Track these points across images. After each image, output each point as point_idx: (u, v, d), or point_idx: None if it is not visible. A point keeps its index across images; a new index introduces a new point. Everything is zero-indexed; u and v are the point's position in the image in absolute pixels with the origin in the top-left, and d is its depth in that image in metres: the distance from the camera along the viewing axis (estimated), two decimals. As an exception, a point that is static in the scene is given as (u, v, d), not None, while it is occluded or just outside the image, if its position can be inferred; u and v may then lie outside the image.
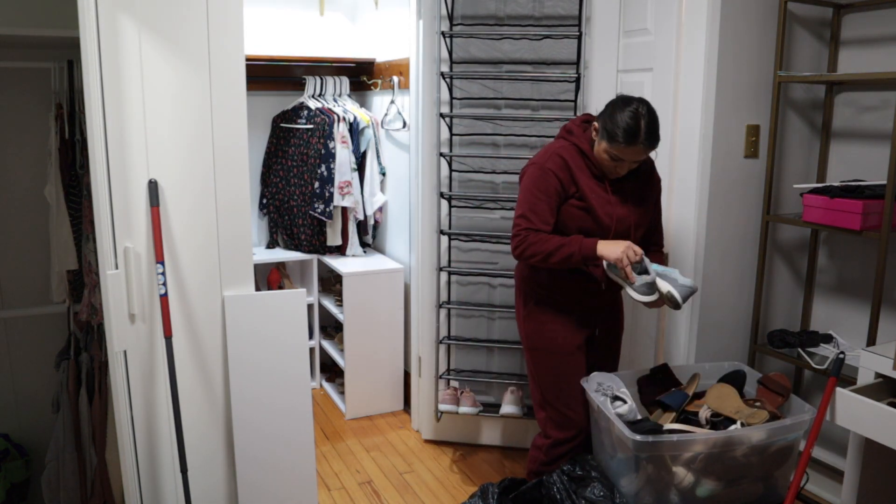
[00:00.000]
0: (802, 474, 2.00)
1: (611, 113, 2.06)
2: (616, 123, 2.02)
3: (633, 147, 2.03)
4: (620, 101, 2.07)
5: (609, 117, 2.05)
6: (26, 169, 2.63)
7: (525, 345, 2.34)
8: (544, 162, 2.15)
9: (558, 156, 2.16)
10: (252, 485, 2.20)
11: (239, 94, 2.06)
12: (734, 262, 2.64)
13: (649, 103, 2.07)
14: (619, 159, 2.07)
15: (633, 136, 2.01)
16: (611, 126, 2.04)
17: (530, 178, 2.17)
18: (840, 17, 2.59)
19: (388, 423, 3.49)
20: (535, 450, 2.37)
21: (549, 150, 2.20)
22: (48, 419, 2.63)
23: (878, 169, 2.51)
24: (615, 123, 2.03)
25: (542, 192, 2.13)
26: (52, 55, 2.41)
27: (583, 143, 2.17)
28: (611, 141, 2.04)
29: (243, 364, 2.15)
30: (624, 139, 2.01)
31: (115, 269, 1.87)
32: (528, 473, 2.40)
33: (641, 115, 2.02)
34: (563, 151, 2.17)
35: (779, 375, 2.21)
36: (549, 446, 2.31)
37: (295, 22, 3.84)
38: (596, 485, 2.09)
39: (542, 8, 2.85)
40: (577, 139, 2.18)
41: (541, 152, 2.22)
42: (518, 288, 2.36)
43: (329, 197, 3.58)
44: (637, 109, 2.02)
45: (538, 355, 2.29)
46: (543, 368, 2.29)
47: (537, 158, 2.19)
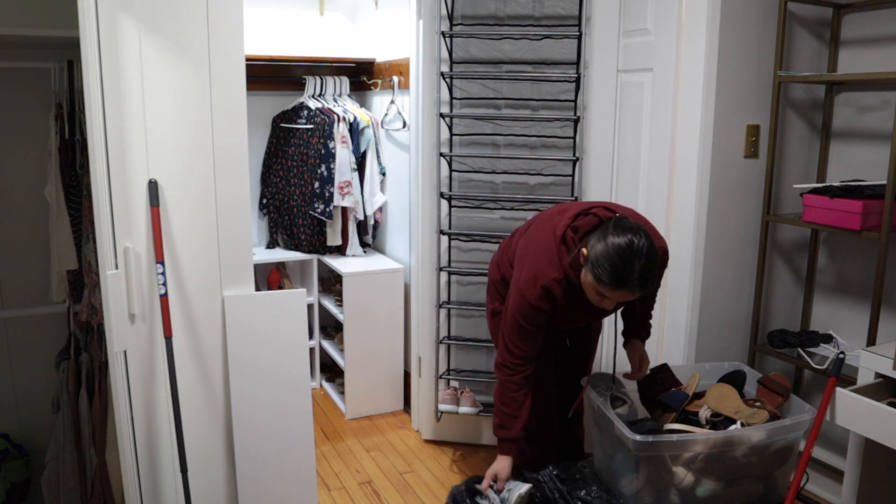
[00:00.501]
0: (802, 474, 2.00)
1: (602, 241, 1.84)
2: (605, 259, 1.81)
3: (622, 290, 1.83)
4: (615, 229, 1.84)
5: (602, 254, 1.82)
6: (26, 169, 2.63)
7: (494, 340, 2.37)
8: (531, 295, 1.99)
9: (547, 291, 1.98)
10: (252, 485, 2.20)
11: (239, 94, 2.06)
12: (734, 262, 2.64)
13: (649, 236, 1.84)
14: (605, 297, 1.89)
15: (623, 281, 1.81)
16: (599, 261, 1.82)
17: (520, 309, 2.02)
18: (840, 17, 2.59)
19: (388, 423, 3.49)
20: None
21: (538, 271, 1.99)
22: (48, 419, 2.63)
23: (878, 169, 2.51)
24: (604, 259, 1.81)
25: (530, 324, 2.04)
26: (52, 55, 2.41)
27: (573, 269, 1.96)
28: (597, 280, 1.84)
29: (243, 364, 2.15)
30: (610, 281, 1.81)
31: (115, 269, 1.87)
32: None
33: (636, 253, 1.79)
34: (556, 287, 1.98)
35: (779, 375, 2.21)
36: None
37: (295, 22, 3.84)
38: (591, 486, 2.09)
39: (542, 8, 2.85)
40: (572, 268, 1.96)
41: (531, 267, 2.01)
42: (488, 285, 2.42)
43: (329, 197, 3.58)
44: (631, 246, 1.79)
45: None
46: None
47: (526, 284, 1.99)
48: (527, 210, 2.98)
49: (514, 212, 3.00)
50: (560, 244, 1.98)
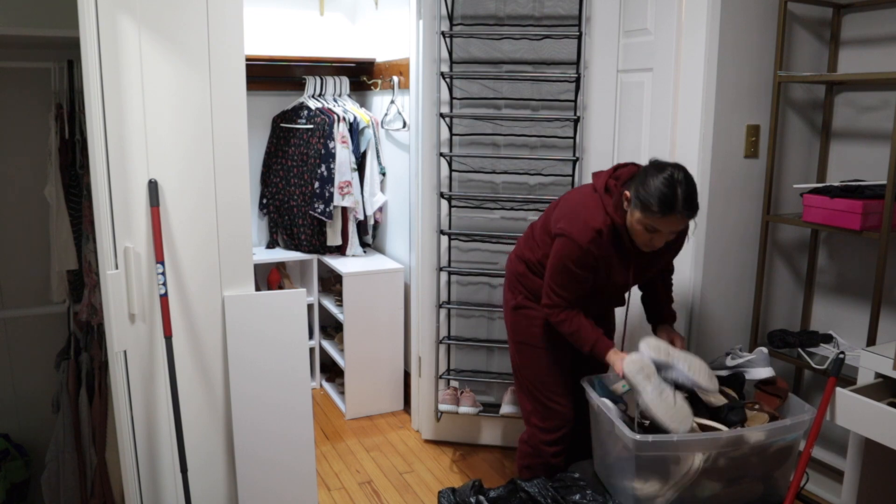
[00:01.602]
0: (802, 474, 2.00)
1: (643, 180, 1.95)
2: (650, 192, 1.91)
3: (670, 217, 1.92)
4: (653, 167, 1.97)
5: (642, 185, 1.94)
6: (26, 169, 2.63)
7: (511, 337, 2.36)
8: (582, 238, 2.03)
9: (596, 232, 2.03)
10: (252, 485, 2.20)
11: (239, 94, 2.06)
12: (734, 262, 2.64)
13: (685, 168, 1.97)
14: (655, 230, 1.96)
15: (670, 205, 1.90)
16: (644, 195, 1.92)
17: (567, 253, 2.06)
18: (840, 17, 2.59)
19: (388, 423, 3.49)
20: (522, 444, 2.40)
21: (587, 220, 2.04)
22: (48, 419, 2.63)
23: (878, 169, 2.51)
24: (649, 192, 1.91)
25: (578, 268, 2.07)
26: (52, 55, 2.41)
27: (619, 217, 2.03)
28: (645, 211, 1.93)
29: (243, 364, 2.15)
30: (659, 209, 1.90)
31: (115, 269, 1.87)
32: (518, 471, 2.41)
33: (678, 181, 1.90)
34: (604, 227, 2.04)
35: (775, 378, 2.21)
36: (531, 436, 2.34)
37: (295, 22, 3.84)
38: (586, 491, 2.08)
39: (542, 8, 2.85)
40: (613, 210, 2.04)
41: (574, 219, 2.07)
42: (508, 281, 2.38)
43: (329, 197, 3.58)
44: (672, 175, 1.91)
45: (524, 348, 2.31)
46: (528, 361, 2.31)
47: (577, 233, 2.04)
48: (527, 210, 2.98)
49: (514, 212, 3.00)
50: (604, 193, 2.07)
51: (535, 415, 2.34)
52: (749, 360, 2.23)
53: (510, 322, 2.37)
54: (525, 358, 2.33)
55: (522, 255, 2.33)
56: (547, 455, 2.32)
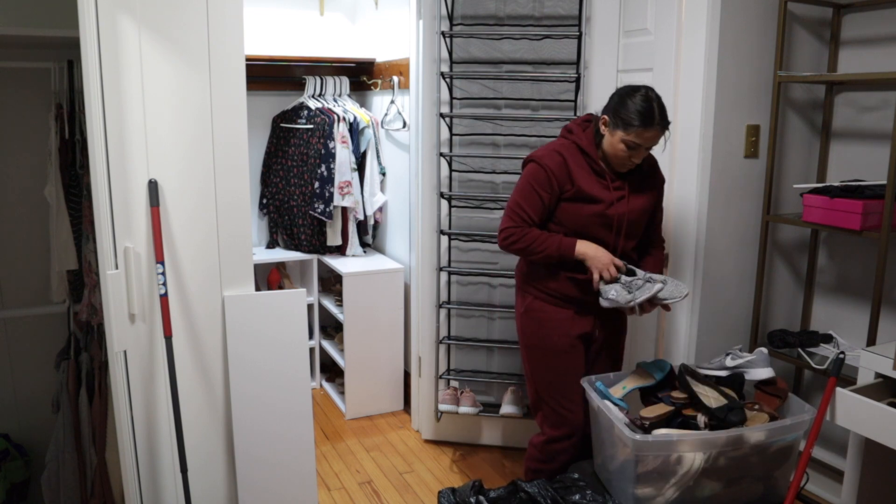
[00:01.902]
0: (802, 474, 2.00)
1: (620, 101, 2.09)
2: (629, 109, 2.05)
3: (651, 129, 2.05)
4: (627, 89, 2.10)
5: (619, 105, 2.08)
6: (26, 169, 2.63)
7: (521, 342, 2.36)
8: (541, 158, 2.18)
9: (557, 153, 2.18)
10: (252, 485, 2.20)
11: (239, 94, 2.06)
12: (734, 262, 2.64)
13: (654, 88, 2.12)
14: (636, 146, 2.08)
15: (650, 118, 2.04)
16: (624, 113, 2.06)
17: (528, 172, 2.21)
18: (840, 17, 2.59)
19: (388, 423, 3.49)
20: (532, 448, 2.39)
21: (549, 147, 2.23)
22: (48, 419, 2.63)
23: (878, 169, 2.51)
24: (628, 110, 2.05)
25: (537, 188, 2.17)
26: (52, 55, 2.41)
27: (583, 140, 2.18)
28: (626, 128, 2.06)
29: (243, 364, 2.15)
30: (641, 122, 2.04)
31: (115, 269, 1.87)
32: (525, 472, 2.41)
33: (652, 98, 2.06)
34: (562, 149, 2.19)
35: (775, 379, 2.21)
36: (544, 443, 2.33)
37: (295, 22, 3.84)
38: (586, 491, 2.08)
39: (542, 8, 2.85)
40: (577, 137, 2.19)
41: (540, 149, 2.24)
42: (518, 284, 2.38)
43: (329, 197, 3.58)
44: (647, 93, 2.07)
45: (534, 353, 2.30)
46: (539, 366, 2.30)
47: (536, 154, 2.22)
48: (527, 210, 2.98)
49: (514, 212, 3.00)
50: (567, 133, 2.23)
51: (547, 422, 2.32)
52: (749, 360, 2.23)
53: (520, 326, 2.35)
54: (537, 364, 2.30)
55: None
56: (558, 461, 2.32)
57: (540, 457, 2.34)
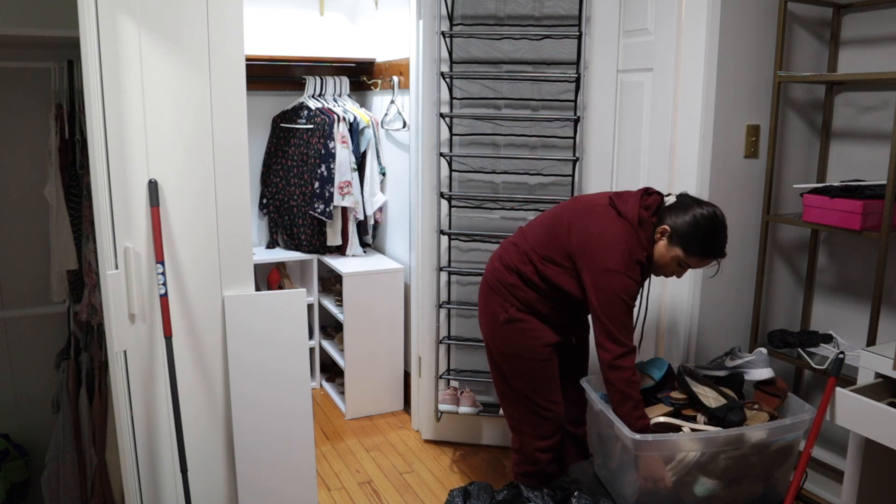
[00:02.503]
0: (802, 474, 2.00)
1: (695, 226, 2.03)
2: (698, 237, 2.02)
3: (709, 259, 2.07)
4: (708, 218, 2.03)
5: (693, 230, 2.02)
6: (26, 169, 2.63)
7: (500, 350, 2.28)
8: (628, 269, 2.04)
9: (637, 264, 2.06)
10: (252, 485, 2.20)
11: (239, 94, 2.06)
12: (734, 262, 2.64)
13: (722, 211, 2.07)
14: (687, 266, 2.08)
15: (713, 251, 2.05)
16: (690, 238, 2.03)
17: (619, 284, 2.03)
18: (840, 17, 2.59)
19: (388, 423, 3.49)
20: (515, 453, 2.39)
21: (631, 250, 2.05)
22: (48, 419, 2.64)
23: (878, 169, 2.51)
24: (697, 236, 2.02)
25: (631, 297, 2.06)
26: (52, 55, 2.41)
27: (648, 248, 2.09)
28: (687, 251, 2.04)
29: (243, 364, 2.15)
30: (703, 253, 2.04)
31: (115, 269, 1.87)
32: (514, 476, 2.41)
33: (720, 227, 2.04)
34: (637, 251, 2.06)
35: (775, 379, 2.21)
36: (525, 446, 2.34)
37: (295, 22, 3.84)
38: (582, 496, 2.08)
39: (542, 8, 2.85)
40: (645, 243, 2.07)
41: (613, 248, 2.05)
42: (496, 291, 2.27)
43: (329, 197, 3.58)
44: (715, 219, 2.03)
45: (518, 361, 2.26)
46: (523, 373, 2.27)
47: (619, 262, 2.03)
48: (527, 210, 2.98)
49: (514, 212, 3.00)
50: (638, 226, 2.09)
51: (526, 423, 2.32)
52: (748, 360, 2.23)
53: (501, 336, 2.26)
54: (518, 370, 2.27)
55: (513, 266, 2.23)
56: (542, 463, 2.32)
57: (523, 459, 2.35)
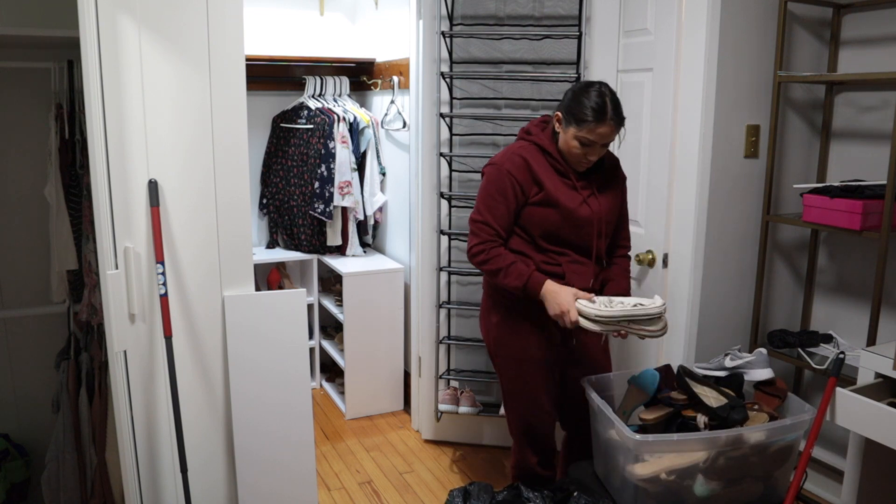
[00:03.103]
0: (802, 474, 2.00)
1: (573, 98, 2.06)
2: (582, 105, 2.02)
3: (604, 125, 2.02)
4: (581, 86, 2.08)
5: (573, 102, 2.05)
6: (26, 169, 2.63)
7: (492, 350, 2.30)
8: (503, 162, 2.13)
9: (518, 156, 2.12)
10: (252, 485, 2.20)
11: (239, 94, 2.06)
12: (734, 262, 2.64)
13: (608, 84, 2.09)
14: (590, 143, 2.05)
15: (602, 113, 2.01)
16: (577, 109, 2.03)
17: (489, 178, 2.14)
18: (840, 17, 2.59)
19: (388, 423, 3.49)
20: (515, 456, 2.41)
21: (509, 150, 2.17)
22: (48, 419, 2.63)
23: (878, 169, 2.51)
24: (581, 105, 2.02)
25: (501, 193, 2.10)
26: (52, 55, 2.41)
27: (543, 140, 2.14)
28: (579, 124, 2.03)
29: (243, 364, 2.15)
30: (594, 117, 2.01)
31: (115, 269, 1.87)
32: (513, 479, 2.41)
33: (605, 93, 2.04)
34: (522, 151, 2.14)
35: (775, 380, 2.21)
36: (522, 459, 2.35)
37: (295, 22, 3.84)
38: (582, 496, 2.08)
39: (542, 8, 2.85)
40: (537, 138, 2.16)
41: (500, 153, 2.19)
42: (487, 293, 2.30)
43: (329, 197, 3.58)
44: (601, 89, 2.04)
45: (505, 362, 2.26)
46: (509, 375, 2.27)
47: (496, 158, 2.16)
48: (527, 210, 2.98)
49: (514, 212, 3.00)
50: (526, 134, 2.19)
51: (519, 430, 2.33)
52: (748, 361, 2.23)
53: (491, 337, 2.28)
54: (506, 373, 2.27)
55: None
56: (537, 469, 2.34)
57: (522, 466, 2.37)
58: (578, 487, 2.14)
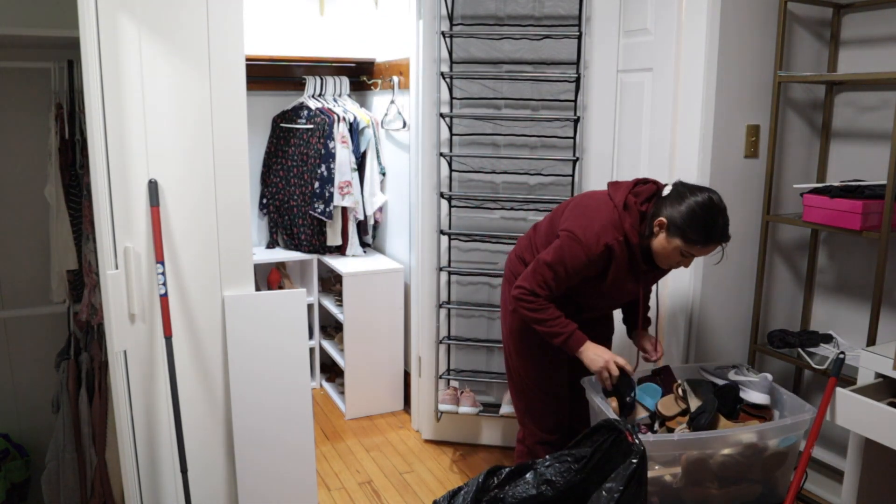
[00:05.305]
0: (802, 474, 2.00)
1: (689, 213, 1.96)
2: (694, 225, 1.95)
3: (713, 245, 2.00)
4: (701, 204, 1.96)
5: (688, 217, 1.95)
6: (26, 169, 2.63)
7: (510, 338, 2.33)
8: (588, 245, 2.02)
9: (608, 248, 2.02)
10: (252, 484, 2.20)
11: (239, 94, 2.06)
12: (734, 262, 2.64)
13: (719, 195, 2.01)
14: (690, 255, 2.01)
15: (714, 238, 1.97)
16: (687, 227, 1.95)
17: (568, 248, 2.04)
18: (840, 17, 2.59)
19: (388, 423, 3.49)
20: (519, 444, 2.41)
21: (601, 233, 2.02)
22: (48, 419, 2.63)
23: (878, 169, 2.51)
24: (693, 225, 1.95)
25: (571, 271, 2.05)
26: (52, 55, 2.41)
27: (634, 235, 2.04)
28: (686, 240, 1.96)
29: (243, 364, 2.15)
30: (702, 240, 1.96)
31: (115, 269, 1.87)
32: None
33: (718, 213, 1.97)
34: (615, 244, 2.02)
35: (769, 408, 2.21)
36: (527, 437, 2.35)
37: (295, 22, 3.84)
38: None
39: (542, 8, 2.85)
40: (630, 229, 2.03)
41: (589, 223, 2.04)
42: (508, 281, 2.35)
43: (329, 197, 3.58)
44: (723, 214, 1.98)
45: (525, 350, 2.29)
46: (529, 363, 2.29)
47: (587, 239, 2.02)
48: (527, 210, 2.98)
49: (514, 212, 3.00)
50: (623, 209, 2.05)
51: (529, 416, 2.34)
52: (751, 381, 2.21)
53: (510, 324, 2.33)
54: (525, 360, 2.31)
55: (523, 256, 2.31)
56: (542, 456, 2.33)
57: (524, 451, 2.37)
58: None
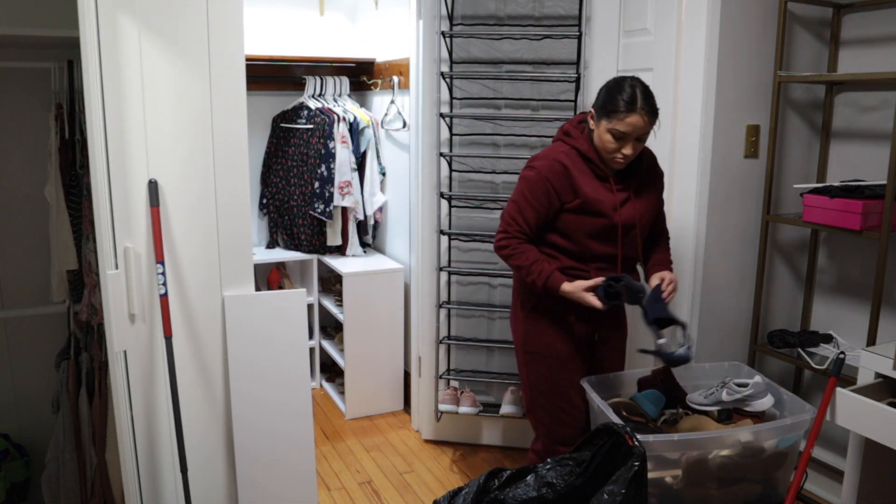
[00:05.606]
0: (803, 474, 2.00)
1: (605, 92, 2.07)
2: (613, 97, 2.03)
3: (634, 115, 2.00)
4: (613, 80, 2.09)
5: (605, 96, 2.06)
6: (26, 169, 2.63)
7: (521, 347, 2.31)
8: (542, 168, 2.13)
9: (559, 163, 2.12)
10: (252, 485, 2.20)
11: (239, 94, 2.06)
12: (734, 262, 2.64)
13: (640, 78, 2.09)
14: (622, 135, 2.03)
15: (633, 102, 2.00)
16: (608, 101, 2.04)
17: (527, 182, 2.15)
18: (840, 17, 2.59)
19: (388, 423, 3.49)
20: (534, 454, 2.37)
21: (550, 154, 2.16)
22: (48, 419, 2.63)
23: (878, 169, 2.51)
24: (612, 97, 2.03)
25: (536, 199, 2.12)
26: (52, 55, 2.41)
27: (582, 144, 2.13)
28: (610, 116, 2.03)
29: (243, 364, 2.15)
30: (625, 108, 2.00)
31: (115, 269, 1.87)
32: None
33: (636, 85, 2.04)
34: (563, 157, 2.12)
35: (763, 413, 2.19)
36: (547, 452, 2.30)
37: (295, 22, 3.84)
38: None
39: (542, 8, 2.85)
40: (576, 141, 2.15)
41: (542, 155, 2.19)
42: (516, 289, 2.33)
43: (329, 197, 3.58)
44: (632, 81, 2.05)
45: (534, 359, 2.27)
46: (539, 373, 2.26)
47: (537, 163, 2.16)
48: (527, 210, 2.98)
49: (514, 212, 3.00)
50: (565, 136, 2.19)
51: (545, 426, 2.30)
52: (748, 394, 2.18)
53: (520, 333, 2.30)
54: (536, 371, 2.27)
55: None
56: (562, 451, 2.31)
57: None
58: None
